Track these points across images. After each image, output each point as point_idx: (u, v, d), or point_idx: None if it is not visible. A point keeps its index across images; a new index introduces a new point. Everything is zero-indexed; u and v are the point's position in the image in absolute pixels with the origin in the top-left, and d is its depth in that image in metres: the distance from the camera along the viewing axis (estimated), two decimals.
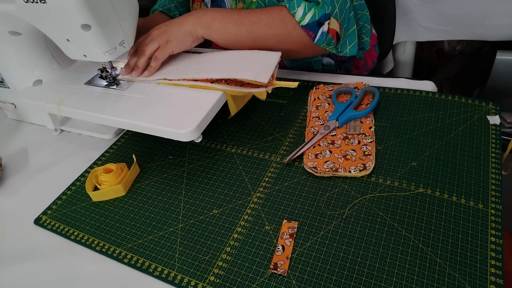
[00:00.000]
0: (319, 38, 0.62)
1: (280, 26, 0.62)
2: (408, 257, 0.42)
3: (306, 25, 0.61)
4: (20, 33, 0.63)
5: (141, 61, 0.62)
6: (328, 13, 0.60)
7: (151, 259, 0.46)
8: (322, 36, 0.62)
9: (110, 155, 0.64)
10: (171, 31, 0.63)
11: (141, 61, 0.62)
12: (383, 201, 0.48)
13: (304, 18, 0.60)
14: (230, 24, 0.62)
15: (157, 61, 0.62)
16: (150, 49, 0.62)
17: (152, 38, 0.63)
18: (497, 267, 0.39)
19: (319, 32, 0.61)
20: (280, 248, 0.44)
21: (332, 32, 0.62)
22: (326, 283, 0.41)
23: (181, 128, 0.51)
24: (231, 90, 0.56)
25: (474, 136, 0.54)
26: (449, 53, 1.17)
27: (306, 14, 0.60)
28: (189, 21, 0.63)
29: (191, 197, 0.53)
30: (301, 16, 0.60)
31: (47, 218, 0.55)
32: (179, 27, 0.63)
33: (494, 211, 0.44)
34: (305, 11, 0.60)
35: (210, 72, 0.59)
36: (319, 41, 0.62)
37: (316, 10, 0.60)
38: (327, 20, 0.61)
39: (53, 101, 0.62)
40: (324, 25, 0.61)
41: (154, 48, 0.62)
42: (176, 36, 0.62)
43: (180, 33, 0.62)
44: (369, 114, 0.59)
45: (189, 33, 0.63)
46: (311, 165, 0.53)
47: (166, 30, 0.63)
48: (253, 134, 0.62)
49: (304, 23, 0.61)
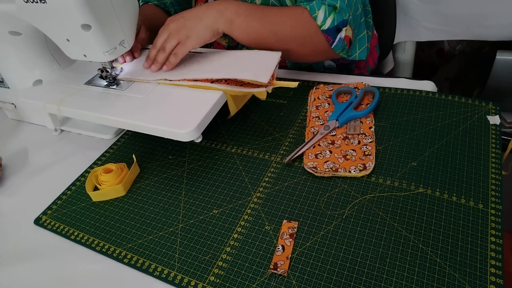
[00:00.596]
0: (336, 44, 0.63)
1: (303, 29, 0.62)
2: (408, 257, 0.42)
3: (326, 29, 0.61)
4: (20, 33, 0.63)
5: (161, 56, 0.61)
6: (346, 20, 0.61)
7: (151, 259, 0.46)
8: (339, 43, 0.63)
9: (110, 155, 0.64)
10: (191, 25, 0.61)
11: (161, 57, 0.62)
12: (383, 201, 0.48)
13: (325, 23, 0.61)
14: (254, 22, 0.61)
15: (176, 57, 0.61)
16: (170, 46, 0.61)
17: (170, 32, 0.62)
18: (497, 267, 0.39)
19: (337, 38, 0.62)
20: (280, 248, 0.44)
21: (346, 39, 0.63)
22: (326, 283, 0.41)
23: (181, 128, 0.51)
24: (231, 90, 0.56)
25: (474, 136, 0.54)
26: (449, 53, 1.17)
27: (326, 18, 0.60)
28: (210, 15, 0.61)
29: (191, 197, 0.53)
30: (322, 20, 0.61)
31: (47, 218, 0.55)
32: (200, 21, 0.61)
33: (494, 211, 0.44)
34: (326, 16, 0.60)
35: (210, 72, 0.59)
36: (336, 47, 0.63)
37: (335, 16, 0.60)
38: (344, 27, 0.62)
39: (53, 101, 0.62)
40: (342, 31, 0.62)
41: (174, 45, 0.61)
42: (196, 32, 0.60)
43: (200, 28, 0.60)
44: (369, 114, 0.59)
45: (210, 28, 0.61)
46: (311, 165, 0.53)
47: (185, 25, 0.61)
48: (253, 134, 0.62)
49: (325, 27, 0.61)
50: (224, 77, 0.57)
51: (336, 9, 0.60)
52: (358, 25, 0.66)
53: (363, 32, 0.67)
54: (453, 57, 1.18)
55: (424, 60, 1.23)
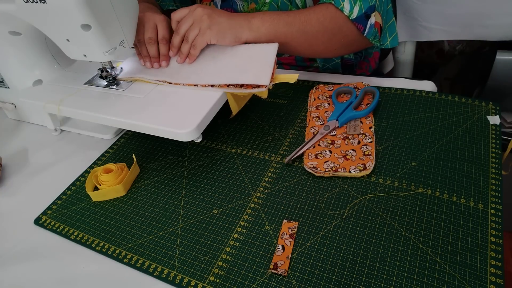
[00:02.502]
0: (368, 31, 0.63)
1: (331, 22, 0.62)
2: (408, 257, 0.42)
3: (355, 18, 0.61)
4: (20, 33, 0.63)
5: (185, 48, 0.61)
6: (373, 5, 0.61)
7: (151, 259, 0.46)
8: (370, 29, 0.63)
9: (110, 155, 0.64)
10: (217, 20, 0.60)
11: (185, 48, 0.62)
12: (383, 201, 0.48)
13: (353, 12, 0.61)
14: (280, 25, 0.61)
15: (196, 49, 0.61)
16: (192, 35, 0.60)
17: (194, 19, 0.60)
18: (497, 267, 0.39)
19: (368, 24, 0.62)
20: (280, 248, 0.44)
21: (376, 26, 0.63)
22: (326, 283, 0.41)
23: (181, 128, 0.51)
24: (232, 92, 0.56)
25: (474, 136, 0.54)
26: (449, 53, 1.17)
27: (353, 7, 0.61)
28: (237, 19, 0.61)
29: (191, 197, 0.53)
30: (349, 10, 0.61)
31: (47, 218, 0.55)
32: (227, 19, 0.60)
33: (494, 211, 0.44)
34: (352, 5, 0.61)
35: (211, 76, 0.59)
36: (369, 33, 0.63)
37: (361, 3, 0.61)
38: (372, 12, 0.62)
39: (53, 101, 0.62)
40: (371, 17, 0.62)
41: (196, 34, 0.60)
42: (219, 27, 0.59)
43: (225, 25, 0.60)
44: (369, 114, 0.59)
45: (234, 31, 0.60)
46: (311, 165, 0.53)
47: (211, 15, 0.59)
48: (253, 134, 0.62)
49: (353, 16, 0.61)
50: (225, 83, 0.57)
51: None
52: (386, 12, 0.66)
53: (392, 19, 0.67)
54: (453, 57, 1.18)
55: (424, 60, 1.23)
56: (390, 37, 0.67)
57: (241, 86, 0.56)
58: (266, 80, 0.55)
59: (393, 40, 0.68)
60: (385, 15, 0.66)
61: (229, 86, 0.57)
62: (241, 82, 0.56)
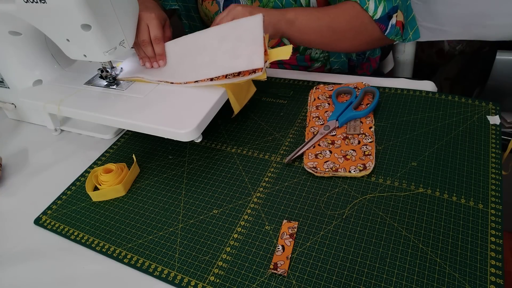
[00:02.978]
0: (389, 31, 0.66)
1: (358, 20, 0.65)
2: (408, 257, 0.42)
3: (378, 18, 0.64)
4: (20, 33, 0.63)
5: None
6: (396, 6, 0.64)
7: (151, 259, 0.46)
8: (392, 29, 0.66)
9: (110, 155, 0.64)
10: None
11: None
12: (383, 201, 0.48)
13: (377, 12, 0.64)
14: (311, 21, 0.64)
15: None
16: None
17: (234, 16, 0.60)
18: (497, 267, 0.39)
19: (389, 25, 0.65)
20: (280, 248, 0.44)
21: (399, 24, 0.66)
22: (326, 283, 0.41)
23: (181, 128, 0.51)
24: (231, 83, 0.56)
25: (474, 136, 0.54)
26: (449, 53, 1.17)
27: (377, 7, 0.63)
28: (274, 14, 0.62)
29: (191, 197, 0.53)
30: (373, 10, 0.64)
31: (47, 218, 0.54)
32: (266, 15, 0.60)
33: (494, 211, 0.44)
34: (376, 5, 0.63)
35: (207, 68, 0.58)
36: (389, 33, 0.66)
37: (385, 3, 0.63)
38: (395, 13, 0.65)
39: (53, 101, 0.62)
40: (393, 18, 0.65)
41: None
42: None
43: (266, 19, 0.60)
44: (369, 114, 0.59)
45: (273, 24, 0.62)
46: (311, 165, 0.53)
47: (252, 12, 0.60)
48: (253, 134, 0.62)
49: (377, 16, 0.64)
50: (222, 74, 0.56)
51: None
52: (406, 7, 0.68)
53: (412, 14, 0.70)
54: (453, 57, 1.18)
55: (424, 60, 1.23)
56: (411, 31, 0.70)
57: (238, 75, 0.56)
58: (260, 62, 0.54)
59: (415, 34, 0.70)
60: (406, 11, 0.68)
61: (227, 76, 0.56)
62: (237, 70, 0.55)
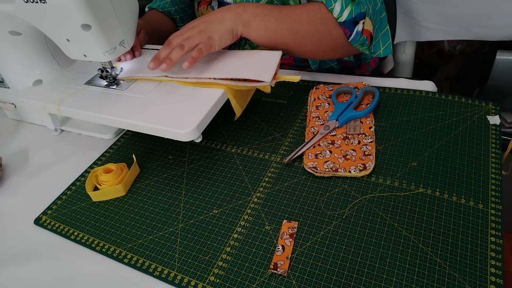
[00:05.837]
0: (353, 37, 0.61)
1: (322, 24, 0.61)
2: (408, 257, 0.42)
3: (343, 22, 0.60)
4: (20, 33, 0.63)
5: (177, 54, 0.58)
6: (363, 12, 0.60)
7: (151, 259, 0.46)
8: (356, 36, 0.61)
9: (110, 155, 0.64)
10: (212, 28, 0.60)
11: (177, 54, 0.58)
12: (383, 201, 0.48)
13: (342, 15, 0.60)
14: (271, 22, 0.61)
15: (200, 53, 0.58)
16: (190, 44, 0.59)
17: (190, 35, 0.60)
18: (497, 267, 0.39)
19: (355, 31, 0.61)
20: (280, 248, 0.44)
21: (366, 33, 0.62)
22: (326, 283, 0.41)
23: (181, 128, 0.51)
24: (235, 85, 0.56)
25: (474, 136, 0.54)
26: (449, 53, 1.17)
27: (343, 10, 0.59)
28: (229, 18, 0.61)
29: (191, 197, 0.53)
30: (339, 12, 0.60)
31: (47, 218, 0.55)
32: (220, 23, 0.60)
33: (494, 211, 0.44)
34: (343, 7, 0.59)
35: (213, 72, 0.59)
36: (353, 40, 0.62)
37: (353, 7, 0.59)
38: (362, 20, 0.60)
39: (53, 101, 0.62)
40: (359, 24, 0.61)
41: (195, 44, 0.59)
42: (218, 33, 0.60)
43: (222, 30, 0.60)
44: (369, 114, 0.59)
45: (230, 31, 0.61)
46: (311, 165, 0.53)
47: (206, 28, 0.60)
48: (253, 134, 0.62)
49: (342, 19, 0.60)
50: (227, 77, 0.57)
51: (354, 1, 0.60)
52: (379, 20, 0.65)
53: (385, 28, 0.66)
54: (453, 57, 1.18)
55: (424, 60, 1.23)
56: (383, 46, 0.66)
57: (244, 81, 0.57)
58: (268, 78, 0.55)
59: (386, 49, 0.66)
60: (378, 24, 0.65)
61: (231, 80, 0.57)
62: (244, 77, 0.56)
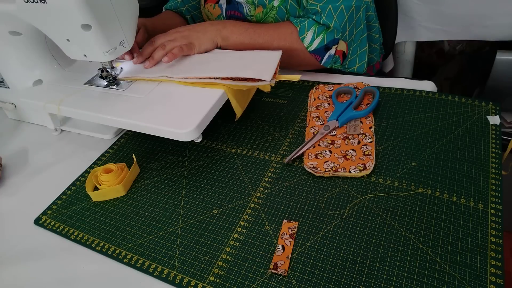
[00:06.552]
0: (325, 61, 0.66)
1: (291, 48, 0.66)
2: (408, 257, 0.42)
3: (313, 50, 0.65)
4: (20, 33, 0.63)
5: (159, 54, 0.63)
6: (337, 38, 0.64)
7: (151, 259, 0.46)
8: (328, 59, 0.66)
9: (110, 155, 0.64)
10: (195, 36, 0.66)
11: (159, 54, 0.63)
12: (383, 201, 0.48)
13: (312, 44, 0.64)
14: (246, 40, 0.67)
15: (181, 51, 0.63)
16: (171, 46, 0.63)
17: (174, 38, 0.65)
18: (497, 267, 0.39)
19: (326, 55, 0.65)
20: (280, 248, 0.44)
21: (338, 53, 0.66)
22: (326, 283, 0.41)
23: (181, 128, 0.51)
24: (234, 85, 0.56)
25: (474, 136, 0.54)
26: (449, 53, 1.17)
27: (314, 40, 0.64)
28: (211, 31, 0.67)
29: (191, 197, 0.53)
30: (309, 42, 0.64)
31: (47, 218, 0.54)
32: (204, 33, 0.67)
33: (494, 211, 0.44)
34: (314, 37, 0.63)
35: (213, 71, 0.59)
36: (326, 63, 0.67)
37: (325, 35, 0.63)
38: (335, 45, 0.64)
39: (53, 101, 0.62)
40: (332, 49, 0.65)
41: (176, 46, 0.63)
42: (199, 40, 0.66)
43: (204, 38, 0.66)
44: (369, 114, 0.59)
45: (211, 40, 0.67)
46: (311, 165, 0.53)
47: (189, 35, 0.66)
48: (253, 134, 0.62)
49: (311, 48, 0.64)
50: (227, 76, 0.57)
51: (329, 28, 0.63)
52: (359, 40, 0.68)
53: (365, 47, 0.70)
54: (453, 57, 1.18)
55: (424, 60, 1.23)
56: (358, 63, 0.70)
57: (244, 80, 0.57)
58: (268, 76, 0.55)
59: (360, 67, 0.71)
60: (358, 43, 0.68)
61: (232, 79, 0.57)
62: (244, 76, 0.56)
